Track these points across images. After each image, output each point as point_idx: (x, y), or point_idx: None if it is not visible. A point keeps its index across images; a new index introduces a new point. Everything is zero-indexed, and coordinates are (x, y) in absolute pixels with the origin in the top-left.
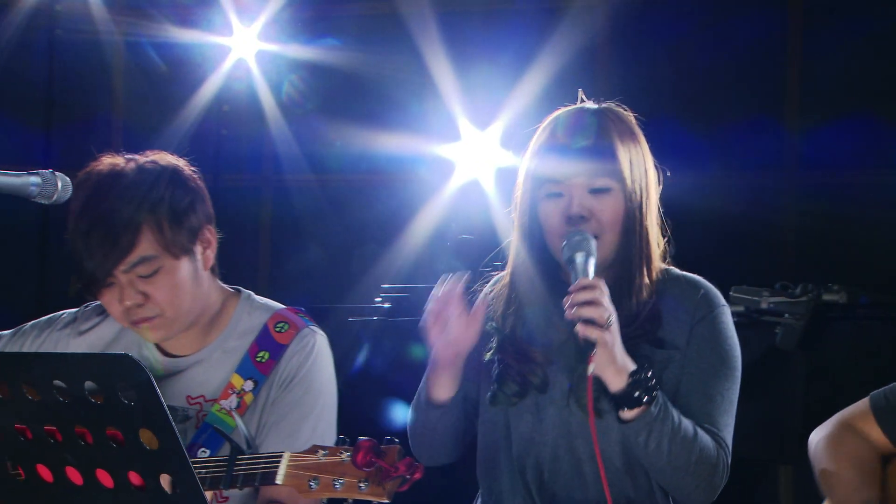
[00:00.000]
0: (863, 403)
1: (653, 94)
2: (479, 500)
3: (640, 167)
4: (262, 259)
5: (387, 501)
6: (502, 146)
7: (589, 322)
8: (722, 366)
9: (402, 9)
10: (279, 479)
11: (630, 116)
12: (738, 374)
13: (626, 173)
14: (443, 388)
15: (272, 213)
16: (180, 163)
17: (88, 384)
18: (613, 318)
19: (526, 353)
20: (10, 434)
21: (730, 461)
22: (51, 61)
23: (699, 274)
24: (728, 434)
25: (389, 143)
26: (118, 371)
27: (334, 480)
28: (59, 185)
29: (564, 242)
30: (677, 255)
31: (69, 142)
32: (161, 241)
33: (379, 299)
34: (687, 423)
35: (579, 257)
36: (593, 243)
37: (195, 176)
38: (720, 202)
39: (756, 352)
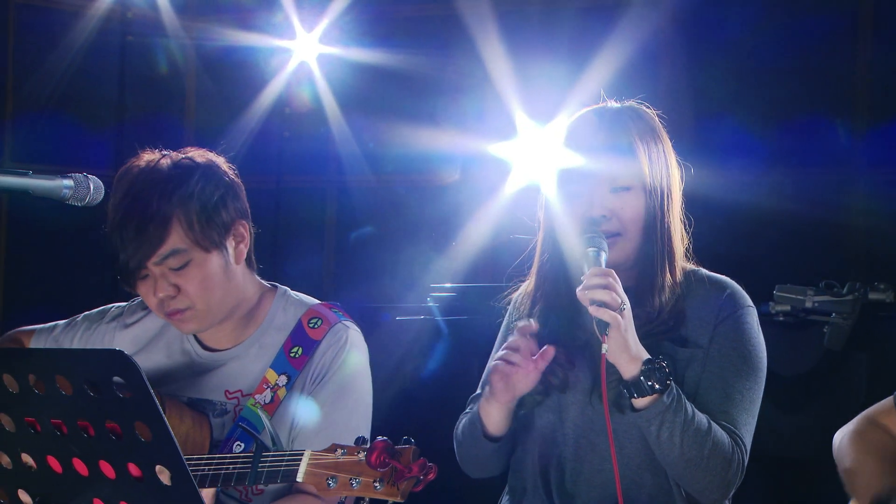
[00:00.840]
0: (887, 401)
1: (718, 91)
2: (506, 496)
3: (660, 165)
4: (326, 259)
5: (401, 501)
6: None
7: (601, 305)
8: (743, 365)
9: (460, 9)
10: (300, 477)
11: (652, 115)
12: (761, 374)
13: (646, 171)
14: (496, 424)
15: (336, 213)
16: (218, 159)
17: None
18: (626, 304)
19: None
20: (23, 427)
21: (746, 459)
22: (122, 66)
23: (763, 272)
24: (746, 432)
25: (449, 144)
26: (112, 366)
27: (351, 479)
28: (92, 187)
29: (580, 237)
30: (742, 252)
31: (140, 146)
32: (190, 235)
33: (430, 300)
34: (701, 417)
35: (591, 251)
36: (605, 241)
37: (232, 173)
38: (786, 201)
39: (813, 353)
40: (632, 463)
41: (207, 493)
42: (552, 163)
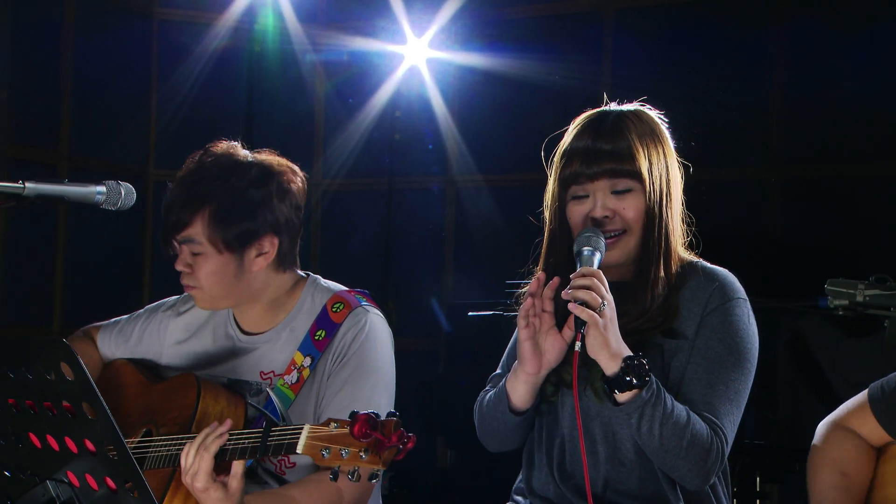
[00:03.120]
0: (861, 395)
1: (830, 86)
2: (522, 471)
3: (660, 166)
4: (446, 258)
5: (383, 468)
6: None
7: (582, 304)
8: (729, 356)
9: (573, 8)
10: (299, 449)
11: (652, 117)
12: (749, 365)
13: (645, 174)
14: (523, 398)
15: (452, 213)
16: (285, 167)
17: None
18: (608, 304)
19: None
20: (6, 408)
21: (726, 449)
22: (249, 76)
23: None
24: (728, 422)
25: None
26: (58, 353)
27: (341, 450)
28: (123, 192)
29: (577, 237)
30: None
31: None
32: (207, 233)
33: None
34: (680, 409)
35: (586, 251)
36: (602, 241)
37: (294, 186)
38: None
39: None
40: (622, 447)
41: (238, 465)
42: (557, 165)
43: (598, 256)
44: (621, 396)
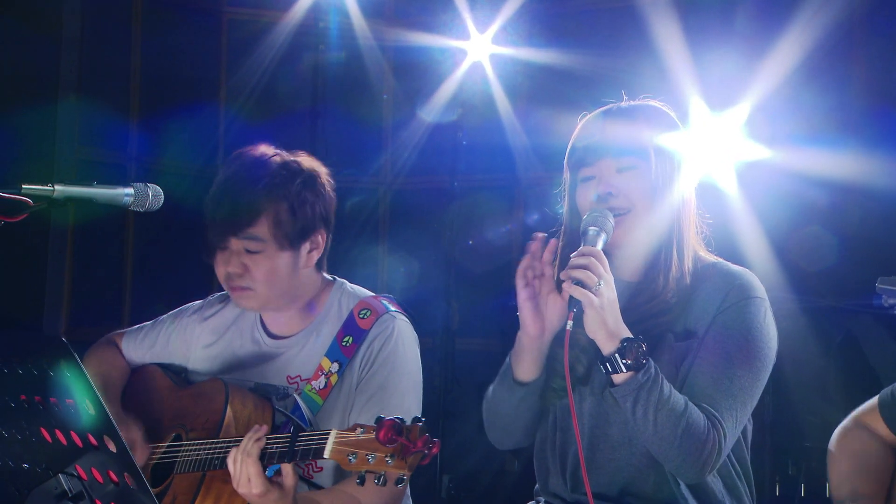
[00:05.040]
0: (873, 401)
1: None
2: (537, 480)
3: (668, 153)
4: (511, 259)
5: (409, 473)
6: (746, 137)
7: (578, 283)
8: (738, 353)
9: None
10: (326, 454)
11: (665, 110)
12: (759, 364)
13: (651, 153)
14: (526, 368)
15: (520, 214)
16: (321, 169)
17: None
18: (605, 283)
19: (573, 337)
20: (18, 402)
21: (724, 443)
22: (315, 75)
23: None
24: (729, 417)
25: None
26: (57, 351)
27: (367, 455)
28: (151, 194)
29: (585, 216)
30: None
31: (336, 152)
32: (272, 230)
33: None
34: (678, 398)
35: (591, 230)
36: (610, 221)
37: (329, 185)
38: None
39: None
40: (637, 452)
41: (287, 466)
42: (570, 151)
43: (603, 237)
44: (617, 378)
